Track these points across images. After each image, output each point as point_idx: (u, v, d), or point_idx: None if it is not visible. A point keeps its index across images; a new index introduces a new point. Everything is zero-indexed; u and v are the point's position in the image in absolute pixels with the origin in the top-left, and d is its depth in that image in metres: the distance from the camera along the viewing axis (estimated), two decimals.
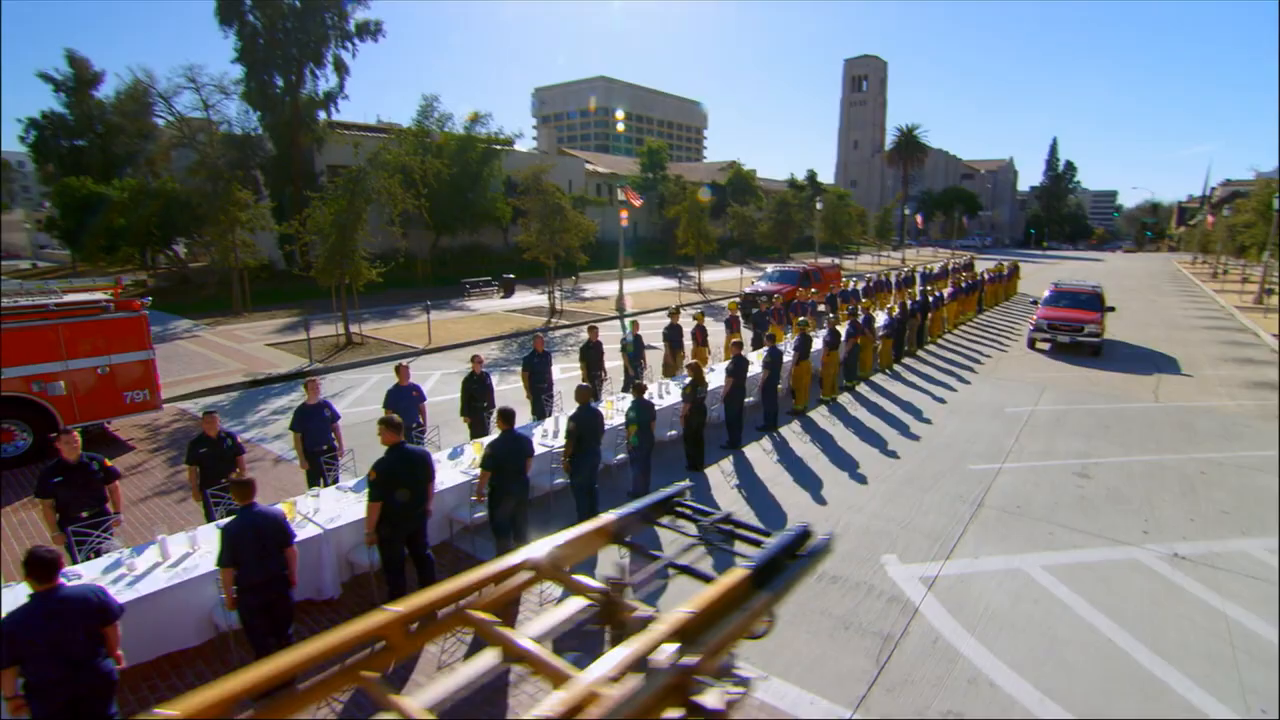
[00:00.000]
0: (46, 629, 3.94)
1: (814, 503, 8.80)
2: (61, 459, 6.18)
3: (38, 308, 10.72)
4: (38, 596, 3.99)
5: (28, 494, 9.43)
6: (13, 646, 3.86)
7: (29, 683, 3.94)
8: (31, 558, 3.99)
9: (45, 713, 3.97)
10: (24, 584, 4.27)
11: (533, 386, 10.50)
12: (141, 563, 5.68)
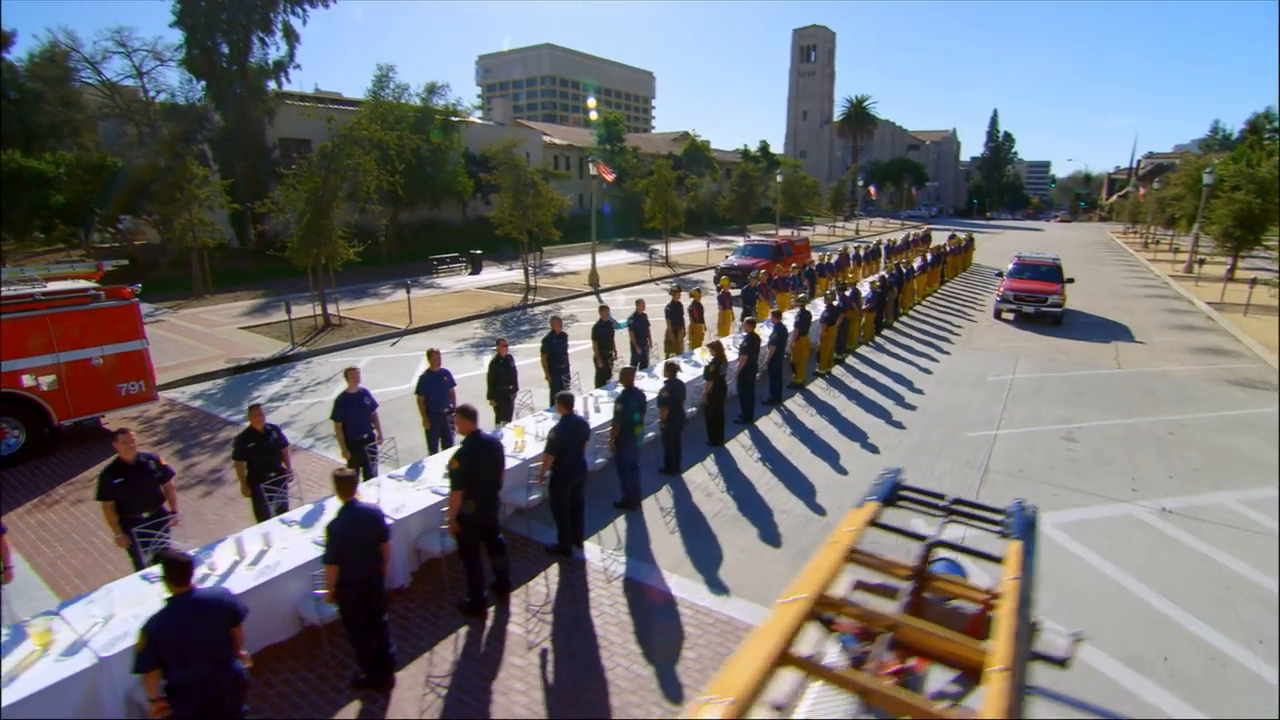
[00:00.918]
0: (188, 631, 4.00)
1: (835, 473, 9.31)
2: (120, 459, 6.07)
3: (24, 298, 10.18)
4: (176, 599, 4.04)
5: (29, 495, 9.14)
6: (158, 649, 3.92)
7: (170, 684, 4.01)
8: (169, 561, 4.03)
9: (186, 714, 4.05)
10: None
11: (551, 367, 10.63)
12: (220, 561, 5.68)
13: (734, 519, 7.90)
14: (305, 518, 6.40)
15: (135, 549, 6.09)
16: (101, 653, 4.58)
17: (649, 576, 6.71)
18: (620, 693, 5.18)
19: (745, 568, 6.90)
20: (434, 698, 5.11)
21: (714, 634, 5.87)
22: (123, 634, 4.76)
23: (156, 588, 5.33)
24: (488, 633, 5.87)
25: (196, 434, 11.35)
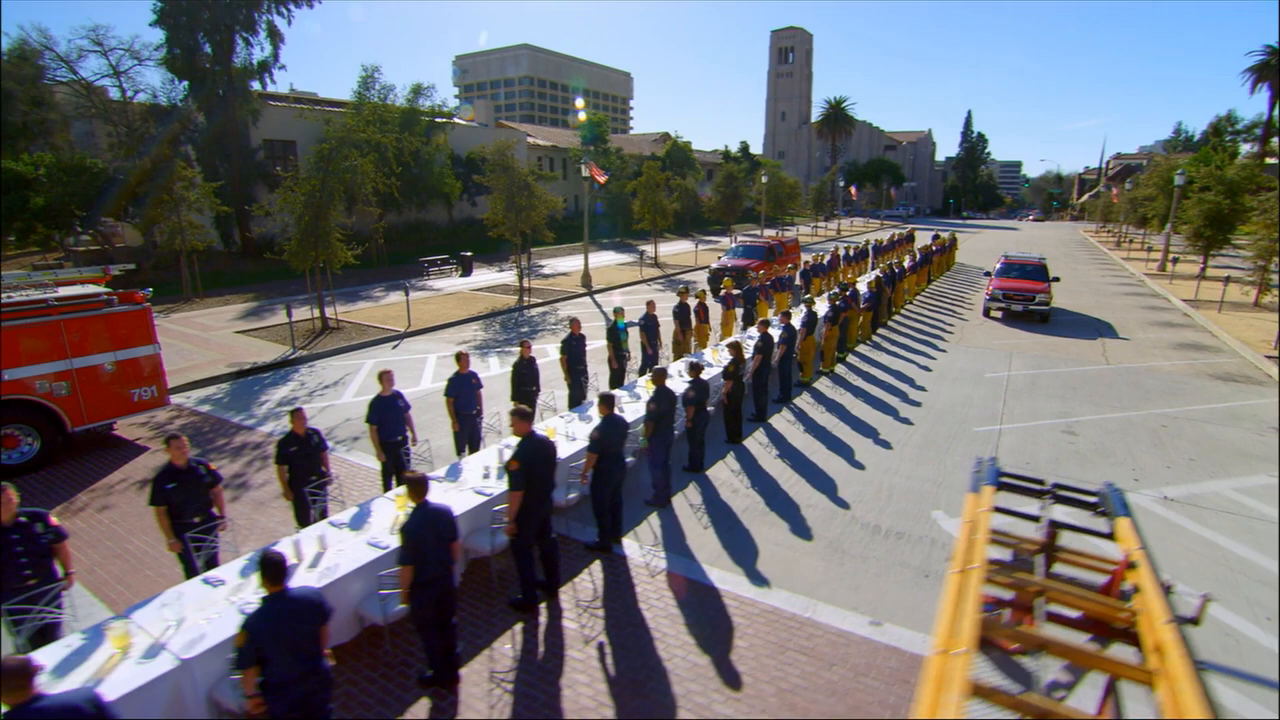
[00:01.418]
0: (285, 629, 4.12)
1: (852, 468, 9.60)
2: (172, 464, 6.12)
3: (37, 303, 10.08)
4: (272, 598, 4.16)
5: (51, 503, 9.09)
6: (257, 646, 4.04)
7: (266, 681, 4.13)
8: (266, 561, 4.16)
9: (280, 710, 4.17)
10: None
11: (571, 368, 10.78)
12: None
13: (763, 514, 8.15)
14: (354, 520, 6.50)
15: (188, 553, 6.14)
16: (182, 655, 4.67)
17: (690, 570, 6.93)
18: (681, 681, 5.38)
19: (781, 560, 7.15)
20: (501, 693, 5.27)
21: (761, 624, 6.11)
22: (198, 636, 4.85)
23: (222, 591, 5.43)
24: (543, 629, 6.03)
25: (211, 439, 11.32)
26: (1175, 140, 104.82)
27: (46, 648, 4.78)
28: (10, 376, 9.77)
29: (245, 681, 4.09)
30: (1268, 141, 56.93)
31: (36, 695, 3.26)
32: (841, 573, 6.96)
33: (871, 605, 6.38)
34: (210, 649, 4.76)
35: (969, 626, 1.88)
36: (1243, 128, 65.84)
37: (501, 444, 8.19)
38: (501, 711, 5.07)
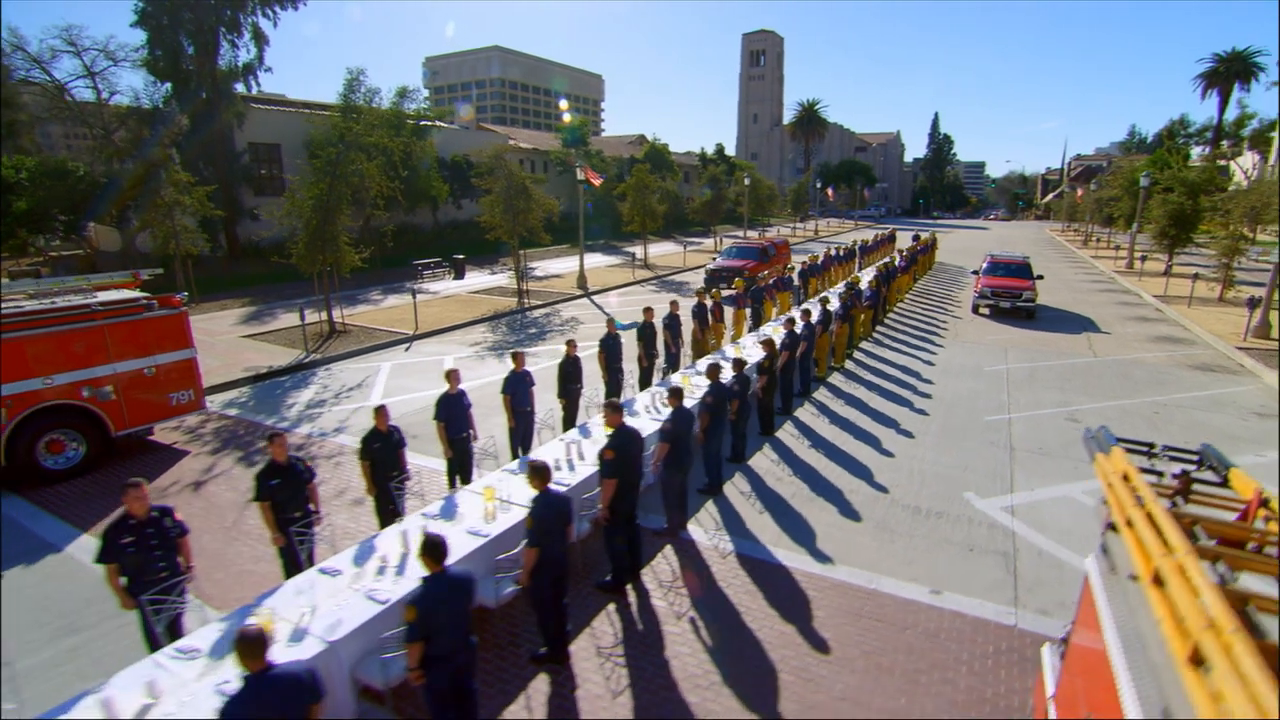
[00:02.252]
0: (446, 606, 4.48)
1: (882, 456, 10.21)
2: (274, 460, 6.40)
3: (81, 308, 10.17)
4: (434, 578, 4.50)
5: (107, 507, 9.20)
6: (425, 622, 4.39)
7: (428, 655, 4.47)
8: (430, 543, 4.51)
9: (440, 683, 4.52)
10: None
11: (609, 365, 11.20)
12: (390, 554, 6.08)
13: (810, 499, 8.69)
14: (444, 512, 6.85)
15: (292, 547, 6.43)
16: (327, 638, 4.99)
17: (756, 551, 7.43)
18: (774, 648, 5.88)
19: (837, 540, 7.69)
20: (612, 666, 5.69)
21: (833, 595, 6.63)
22: (336, 621, 5.16)
23: (342, 580, 5.73)
24: (634, 608, 6.47)
25: (250, 442, 11.47)
26: (1130, 142, 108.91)
27: (199, 631, 5.08)
28: (58, 382, 9.84)
29: (411, 655, 4.43)
30: (1218, 144, 59.71)
31: (270, 664, 3.59)
32: (893, 549, 7.53)
33: (927, 577, 6.96)
34: (351, 632, 5.08)
35: (1181, 542, 2.34)
36: (1194, 131, 68.88)
37: (501, 469, 8.59)
38: (617, 683, 5.49)
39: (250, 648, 3.51)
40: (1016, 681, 5.50)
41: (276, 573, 7.20)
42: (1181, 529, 2.51)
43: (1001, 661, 5.75)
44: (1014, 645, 5.97)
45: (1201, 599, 1.98)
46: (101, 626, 6.44)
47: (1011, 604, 6.56)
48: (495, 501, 6.86)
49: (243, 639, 3.52)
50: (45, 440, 9.85)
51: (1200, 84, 61.46)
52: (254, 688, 3.51)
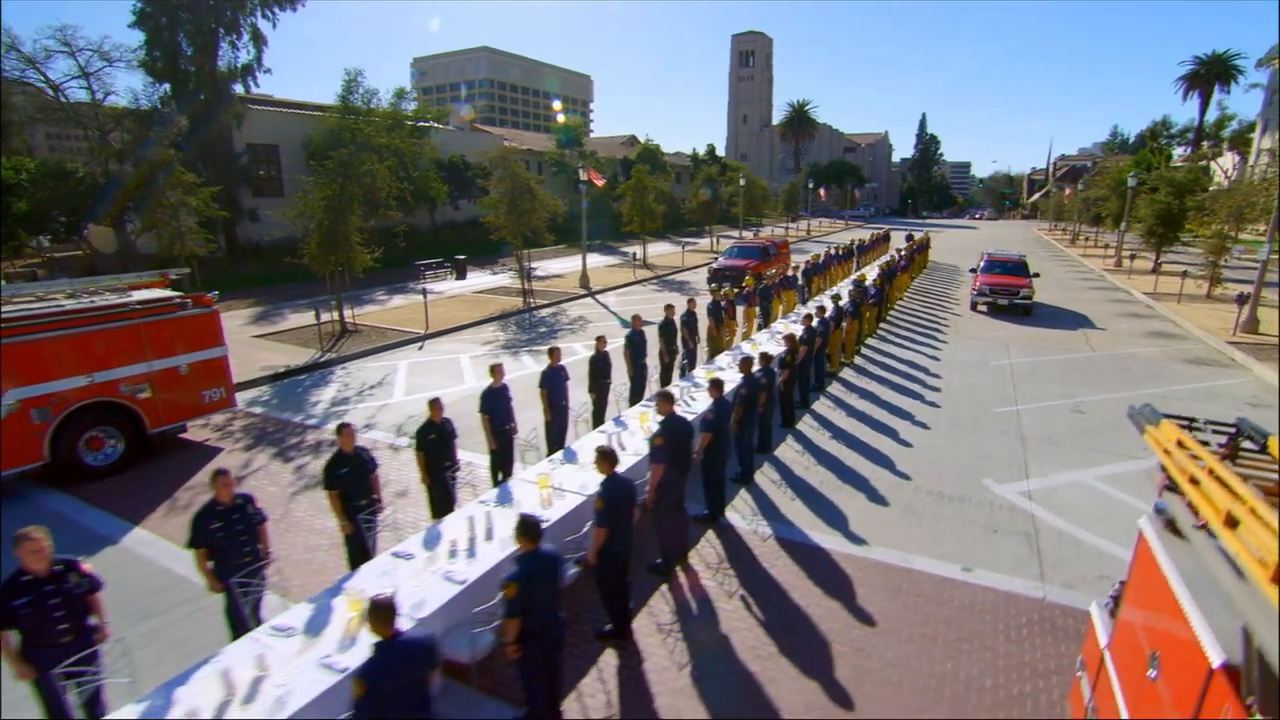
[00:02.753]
0: (544, 582, 4.78)
1: (900, 445, 10.63)
2: (341, 450, 6.68)
3: (120, 307, 10.36)
4: (530, 555, 4.77)
5: (152, 501, 9.44)
6: (524, 598, 4.68)
7: (525, 630, 4.74)
8: (525, 522, 4.81)
9: (536, 655, 4.82)
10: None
11: (634, 361, 11.54)
12: (459, 538, 6.37)
13: (838, 486, 9.09)
14: (500, 499, 7.15)
15: (360, 534, 6.71)
16: (415, 615, 5.28)
17: (794, 534, 7.81)
18: (823, 620, 6.25)
19: (869, 523, 8.09)
20: (674, 641, 6.04)
21: (873, 574, 7.03)
22: (420, 601, 5.42)
23: (416, 563, 6.01)
24: (686, 588, 6.82)
25: (281, 439, 11.70)
26: (1112, 143, 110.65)
27: (292, 610, 5.36)
28: (99, 379, 10.04)
29: (509, 629, 4.70)
30: (1199, 145, 60.99)
31: (398, 631, 3.88)
32: (922, 531, 7.94)
33: (957, 556, 7.37)
34: (435, 611, 5.34)
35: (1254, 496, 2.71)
36: (1176, 132, 70.28)
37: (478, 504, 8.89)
38: (681, 656, 5.84)
39: (383, 615, 3.82)
40: (1051, 648, 5.91)
41: (334, 562, 7.51)
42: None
43: (1035, 630, 6.16)
44: (1045, 616, 6.38)
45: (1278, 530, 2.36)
46: (174, 612, 6.70)
47: (1038, 579, 6.98)
48: (549, 489, 7.18)
49: (376, 607, 3.83)
50: (86, 437, 10.05)
51: (1182, 86, 62.78)
52: (385, 652, 3.81)
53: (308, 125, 37.13)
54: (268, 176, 36.86)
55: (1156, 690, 3.11)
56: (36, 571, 4.63)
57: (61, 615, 4.69)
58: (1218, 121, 62.79)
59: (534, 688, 4.90)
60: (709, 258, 38.88)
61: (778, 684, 5.46)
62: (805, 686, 5.43)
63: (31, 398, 9.40)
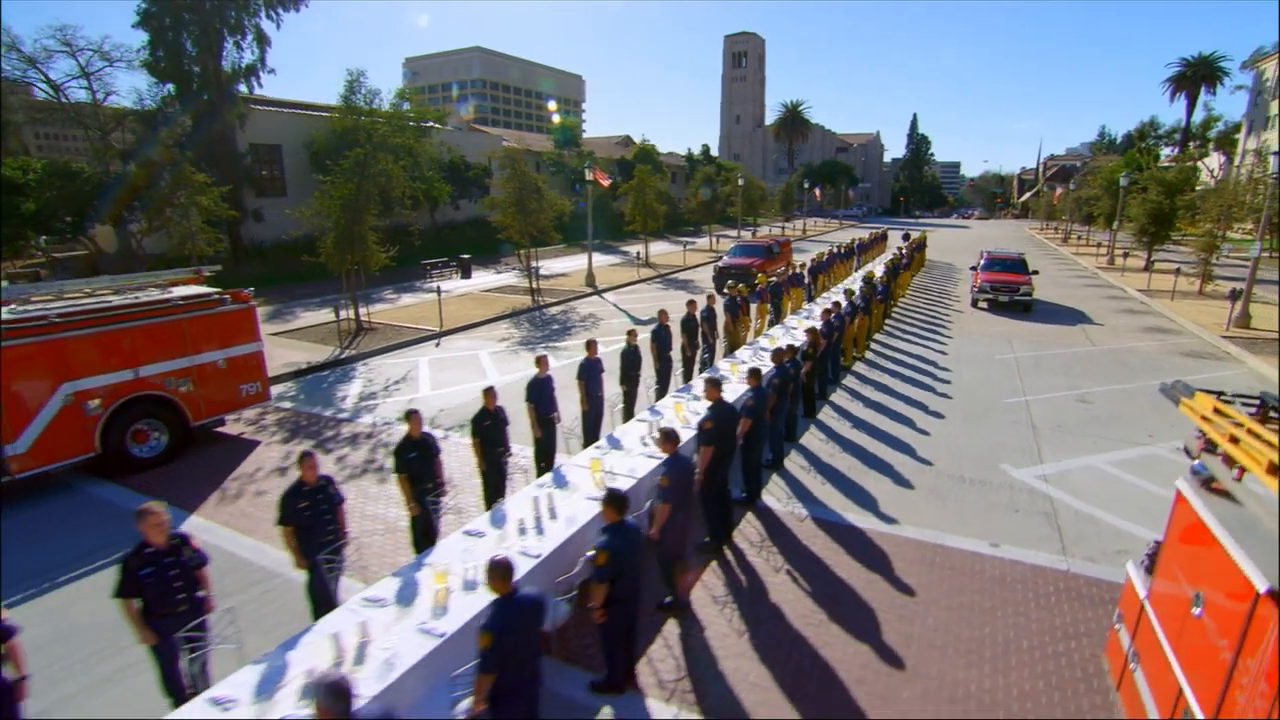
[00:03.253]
0: (631, 552, 5.15)
1: (918, 434, 11.10)
2: (410, 435, 7.01)
3: (164, 302, 10.65)
4: (618, 527, 5.13)
5: (203, 490, 9.74)
6: (616, 565, 5.04)
7: (611, 597, 5.09)
8: (613, 495, 5.17)
9: (617, 623, 5.19)
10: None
11: (660, 355, 11.94)
12: (526, 518, 6.72)
13: (864, 471, 9.54)
14: (556, 482, 7.52)
15: (427, 515, 7.05)
16: None
17: (828, 515, 8.25)
18: (865, 590, 6.69)
19: (897, 504, 8.54)
20: (730, 611, 6.45)
21: (905, 550, 7.47)
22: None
23: (488, 540, 6.35)
24: (734, 564, 7.24)
25: (317, 431, 12.01)
26: (1100, 143, 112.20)
27: (381, 582, 5.71)
28: (145, 373, 10.33)
29: (596, 595, 5.08)
30: (1186, 146, 62.11)
31: (515, 588, 4.26)
32: (948, 512, 8.39)
33: (983, 533, 7.83)
34: (517, 581, 5.72)
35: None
36: (1164, 133, 71.49)
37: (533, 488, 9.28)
38: (739, 624, 6.25)
39: (502, 573, 4.21)
40: (1079, 613, 6.37)
41: (392, 545, 7.87)
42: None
43: (1063, 598, 6.61)
44: (1070, 586, 6.84)
45: None
46: (247, 592, 7.05)
47: (1061, 554, 7.44)
48: (602, 472, 7.56)
49: (496, 566, 4.22)
50: (132, 430, 10.34)
51: (1169, 87, 63.89)
52: (507, 607, 4.20)
53: (309, 125, 37.29)
54: (270, 176, 36.97)
55: (1202, 624, 3.56)
56: (157, 544, 4.98)
57: (179, 585, 5.05)
58: (1204, 122, 64.00)
59: (614, 652, 5.29)
60: (709, 257, 39.38)
61: (831, 647, 5.88)
62: (858, 649, 5.86)
63: (84, 390, 9.69)
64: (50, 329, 9.33)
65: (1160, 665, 4.03)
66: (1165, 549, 4.47)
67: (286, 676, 4.60)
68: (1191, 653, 3.65)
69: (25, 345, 9.09)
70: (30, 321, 9.19)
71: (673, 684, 5.46)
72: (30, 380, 9.19)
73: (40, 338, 9.23)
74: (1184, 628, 3.80)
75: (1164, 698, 3.90)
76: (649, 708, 5.21)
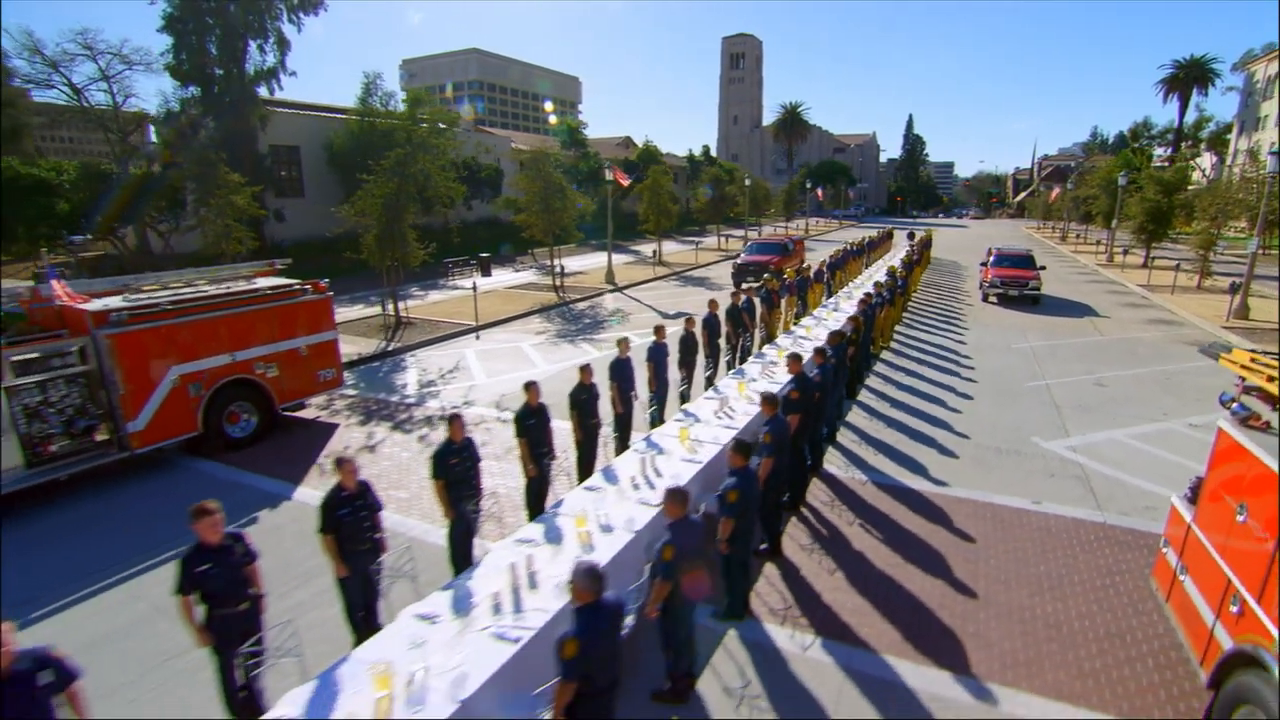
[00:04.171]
0: (755, 497, 6.01)
1: (952, 412, 12.03)
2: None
3: (254, 292, 11.46)
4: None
5: (293, 473, 10.54)
6: (744, 506, 5.90)
7: (737, 531, 5.94)
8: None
9: (743, 556, 6.03)
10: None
11: (712, 342, 12.83)
12: (637, 477, 7.56)
13: (911, 443, 10.46)
14: (650, 447, 8.38)
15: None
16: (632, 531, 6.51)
17: (885, 480, 9.17)
18: (930, 539, 7.60)
19: (944, 470, 9.47)
20: (819, 556, 7.35)
21: (960, 507, 8.39)
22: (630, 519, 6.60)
23: (608, 494, 7.21)
24: (812, 519, 8.13)
25: (392, 415, 12.82)
26: (1093, 143, 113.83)
27: (526, 528, 6.55)
28: (239, 358, 11.14)
29: (724, 528, 5.92)
30: (1179, 146, 63.53)
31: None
32: (991, 477, 9.32)
33: (1025, 493, 8.77)
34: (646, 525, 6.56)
35: None
36: (1157, 133, 72.95)
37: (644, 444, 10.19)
38: (829, 566, 7.14)
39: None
40: (1119, 555, 7.30)
41: (513, 505, 8.69)
42: None
43: (1105, 544, 7.54)
44: (1108, 535, 7.77)
45: None
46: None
47: (1097, 509, 8.38)
48: (690, 440, 8.43)
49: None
50: (227, 411, 11.14)
51: (1162, 89, 65.33)
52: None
53: (327, 127, 38.07)
54: (289, 177, 37.67)
55: (1247, 527, 4.47)
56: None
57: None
58: (1196, 123, 65.45)
59: (735, 586, 6.17)
60: (720, 256, 40.35)
61: (912, 582, 6.79)
62: (935, 583, 6.76)
63: (189, 373, 10.50)
64: (163, 315, 10.14)
65: (1208, 569, 4.95)
66: (1209, 476, 5.39)
67: (476, 598, 5.36)
68: (1238, 553, 4.56)
69: (144, 330, 9.90)
70: (147, 309, 10.01)
71: (783, 612, 6.35)
72: (147, 363, 9.99)
73: (155, 323, 10.04)
74: (1230, 534, 4.71)
75: (1213, 594, 4.81)
76: (768, 631, 6.09)
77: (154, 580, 7.17)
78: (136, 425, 9.90)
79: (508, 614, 5.12)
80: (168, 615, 6.14)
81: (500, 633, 4.89)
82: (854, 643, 5.90)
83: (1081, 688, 5.33)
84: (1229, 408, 5.45)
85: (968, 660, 5.66)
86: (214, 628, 4.93)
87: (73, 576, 7.31)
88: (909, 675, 5.49)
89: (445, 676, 4.45)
